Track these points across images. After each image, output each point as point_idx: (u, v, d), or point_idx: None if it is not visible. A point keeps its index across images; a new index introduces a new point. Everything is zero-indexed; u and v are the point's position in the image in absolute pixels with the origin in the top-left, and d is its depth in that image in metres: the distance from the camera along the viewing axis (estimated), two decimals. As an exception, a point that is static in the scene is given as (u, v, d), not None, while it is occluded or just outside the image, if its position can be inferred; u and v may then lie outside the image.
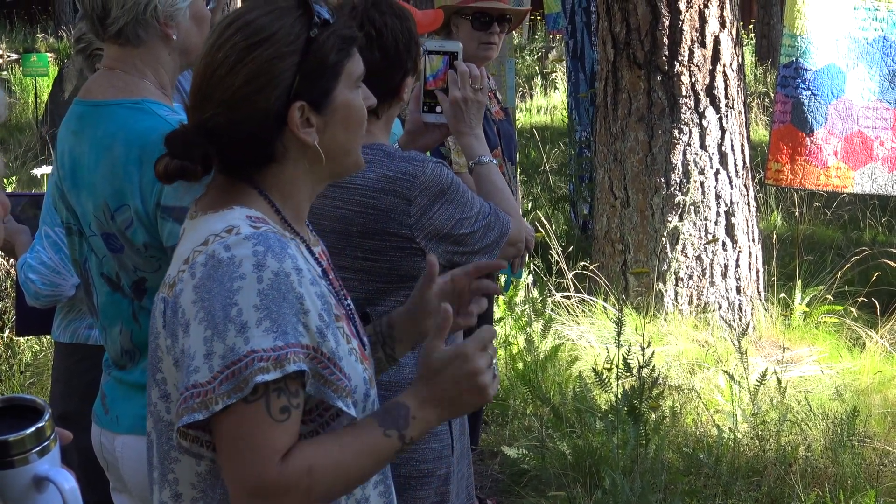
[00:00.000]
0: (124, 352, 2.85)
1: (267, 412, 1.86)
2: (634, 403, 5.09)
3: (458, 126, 3.15)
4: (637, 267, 7.27)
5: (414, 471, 2.95)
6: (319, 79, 2.00)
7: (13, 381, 6.15)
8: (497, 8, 4.81)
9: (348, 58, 2.04)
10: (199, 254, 1.93)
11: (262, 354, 1.84)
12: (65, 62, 15.91)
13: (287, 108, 1.98)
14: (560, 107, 16.02)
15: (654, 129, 7.30)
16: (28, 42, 24.08)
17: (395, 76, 2.94)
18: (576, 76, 9.75)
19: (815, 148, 7.05)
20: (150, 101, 2.76)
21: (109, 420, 2.87)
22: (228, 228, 1.94)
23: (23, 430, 1.65)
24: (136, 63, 2.81)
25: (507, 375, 6.25)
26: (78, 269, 2.97)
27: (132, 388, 2.83)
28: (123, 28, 2.77)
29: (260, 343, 1.85)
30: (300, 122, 2.00)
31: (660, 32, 7.26)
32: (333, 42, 2.01)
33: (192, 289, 1.90)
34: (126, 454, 2.82)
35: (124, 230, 2.72)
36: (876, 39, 6.98)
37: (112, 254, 2.78)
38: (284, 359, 1.85)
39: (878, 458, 5.25)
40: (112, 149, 2.72)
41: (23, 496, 1.63)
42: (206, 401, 1.85)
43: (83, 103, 2.85)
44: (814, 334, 6.93)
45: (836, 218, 9.72)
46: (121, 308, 2.83)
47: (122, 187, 2.70)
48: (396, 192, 2.85)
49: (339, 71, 2.02)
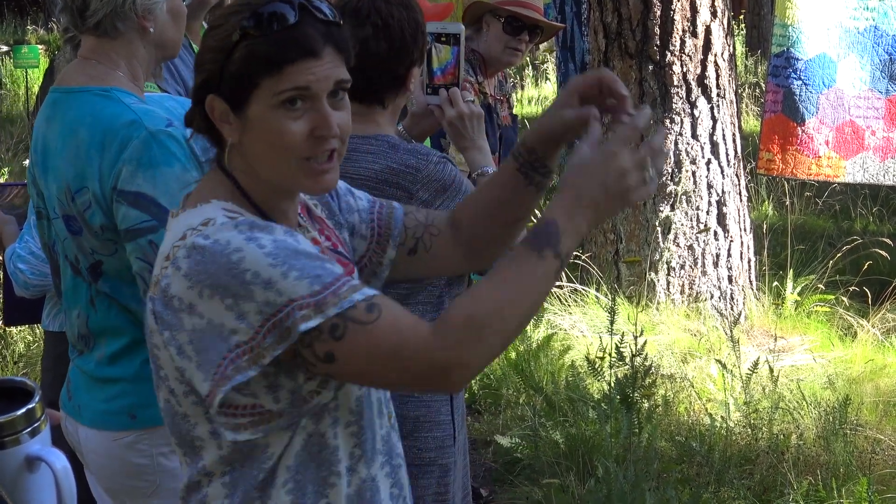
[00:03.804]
0: (80, 336, 2.91)
1: (362, 325, 1.83)
2: (627, 392, 5.09)
3: (460, 143, 3.14)
4: (629, 256, 7.28)
5: (416, 459, 2.95)
6: (235, 84, 1.97)
7: (6, 371, 6.16)
8: (531, 17, 4.78)
9: (268, 75, 1.94)
10: (179, 248, 1.92)
11: (301, 303, 1.82)
12: (55, 54, 15.86)
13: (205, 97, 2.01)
14: (551, 97, 16.02)
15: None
16: (18, 34, 24.01)
17: (402, 66, 2.92)
18: (565, 66, 9.75)
19: (806, 137, 7.06)
20: (118, 90, 2.81)
21: (73, 407, 2.92)
22: (205, 221, 1.94)
23: (13, 412, 1.65)
24: (111, 54, 2.86)
25: (500, 365, 6.26)
26: (48, 252, 3.02)
27: (91, 381, 2.89)
28: (102, 20, 2.83)
29: (297, 291, 1.82)
30: (218, 115, 2.00)
31: (651, 22, 7.25)
32: (243, 54, 1.95)
33: (183, 277, 1.89)
34: (88, 446, 2.88)
35: (83, 212, 2.76)
36: (867, 29, 6.99)
37: (72, 236, 2.82)
38: (324, 302, 1.82)
39: (870, 446, 5.26)
40: (77, 132, 2.76)
41: (16, 476, 1.64)
42: (255, 356, 1.84)
43: (57, 90, 2.90)
44: (805, 323, 6.94)
45: (828, 207, 9.74)
46: (80, 292, 2.88)
47: (84, 170, 2.74)
48: (399, 185, 2.84)
49: (254, 84, 1.95)
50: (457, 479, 3.12)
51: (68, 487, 1.63)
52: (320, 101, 1.97)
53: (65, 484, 1.63)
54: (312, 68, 1.95)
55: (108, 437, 2.82)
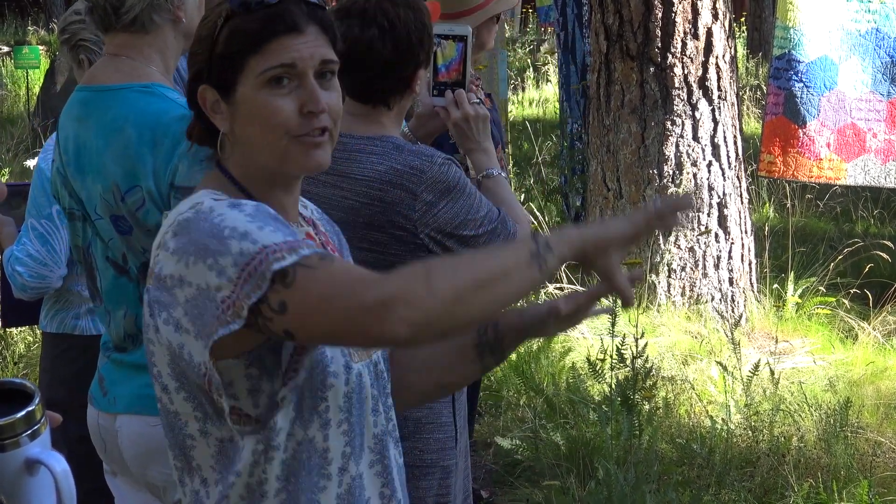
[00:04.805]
0: (127, 335, 2.87)
1: (313, 270, 1.80)
2: (628, 394, 5.09)
3: (465, 144, 3.13)
4: (630, 258, 7.27)
5: (417, 461, 2.94)
6: (222, 68, 1.98)
7: (6, 372, 6.16)
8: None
9: (253, 53, 1.96)
10: (167, 233, 1.94)
11: (273, 247, 1.81)
12: (56, 54, 15.87)
13: (197, 88, 2.02)
14: (552, 99, 16.01)
15: (646, 121, 7.30)
16: (19, 35, 24.02)
17: (408, 68, 2.90)
18: (567, 68, 9.75)
19: (807, 140, 7.05)
20: (159, 86, 2.80)
21: (108, 402, 2.88)
22: (192, 205, 1.95)
23: (13, 414, 1.64)
24: (144, 49, 2.85)
25: (501, 367, 6.25)
26: (80, 254, 2.98)
27: (132, 369, 2.85)
28: (139, 15, 2.82)
29: (270, 238, 1.82)
30: (210, 105, 2.01)
31: (652, 24, 7.26)
32: (228, 33, 1.97)
33: (171, 254, 1.90)
34: (125, 431, 2.83)
35: (135, 211, 2.74)
36: (869, 31, 6.98)
37: (120, 236, 2.80)
38: (297, 245, 1.82)
39: (871, 448, 5.26)
40: (123, 131, 2.74)
41: (15, 480, 1.63)
42: (236, 309, 1.82)
43: (87, 89, 2.88)
44: (806, 326, 6.94)
45: (829, 210, 9.74)
46: (126, 292, 2.85)
47: (135, 169, 2.72)
48: (403, 186, 2.83)
49: (241, 64, 1.97)
50: (458, 481, 3.12)
51: (68, 491, 1.62)
52: (307, 77, 1.98)
53: (64, 487, 1.62)
54: (297, 44, 1.97)
55: (146, 423, 2.75)
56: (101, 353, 2.98)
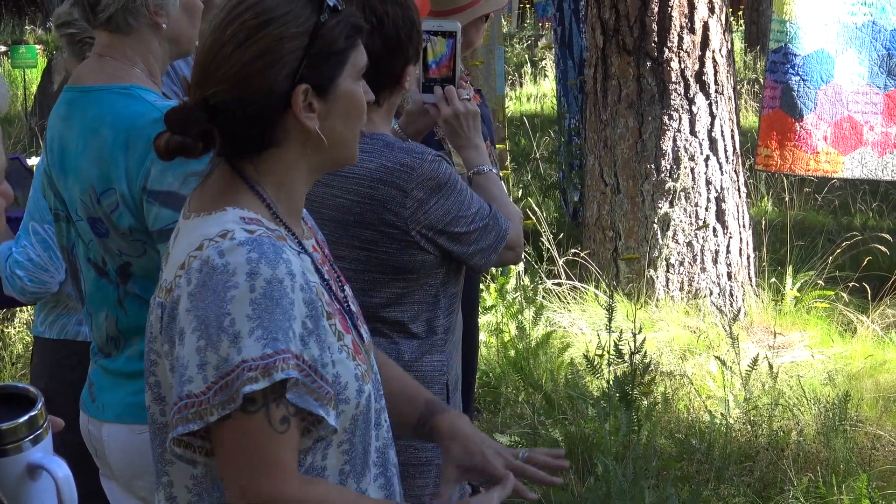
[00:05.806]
0: (109, 338, 2.86)
1: (269, 424, 1.85)
2: (626, 390, 5.09)
3: (456, 141, 3.13)
4: (628, 253, 7.28)
5: (413, 458, 2.94)
6: (325, 64, 1.98)
7: (4, 372, 6.15)
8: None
9: (354, 47, 2.02)
10: (195, 259, 1.91)
11: (251, 364, 1.82)
12: (53, 54, 15.86)
13: (292, 89, 1.96)
14: (549, 95, 15.99)
15: (643, 116, 7.30)
16: (16, 34, 23.97)
17: (397, 64, 2.90)
18: (564, 64, 9.74)
19: (804, 133, 7.06)
20: (139, 87, 2.77)
21: (96, 408, 2.87)
22: (223, 233, 1.92)
23: (16, 419, 1.65)
24: (126, 51, 2.82)
25: (499, 363, 6.26)
26: (66, 255, 2.97)
27: (118, 377, 2.84)
28: (113, 15, 2.78)
29: (250, 352, 1.82)
30: (303, 106, 1.97)
31: (649, 18, 7.25)
32: (342, 29, 1.99)
33: (188, 296, 1.88)
34: (112, 443, 2.83)
35: (110, 214, 2.73)
36: (865, 24, 6.98)
37: (98, 238, 2.78)
38: (273, 367, 1.83)
39: (870, 442, 5.26)
40: (99, 132, 2.72)
41: (17, 484, 1.63)
42: (201, 411, 1.84)
43: (72, 89, 2.86)
44: (805, 319, 6.94)
45: (827, 203, 9.73)
46: (106, 294, 2.83)
47: (109, 171, 2.70)
48: (393, 184, 2.82)
49: (345, 59, 2.01)
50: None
51: (70, 496, 1.62)
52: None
53: (66, 492, 1.62)
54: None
55: (132, 431, 2.76)
56: (91, 358, 2.97)
